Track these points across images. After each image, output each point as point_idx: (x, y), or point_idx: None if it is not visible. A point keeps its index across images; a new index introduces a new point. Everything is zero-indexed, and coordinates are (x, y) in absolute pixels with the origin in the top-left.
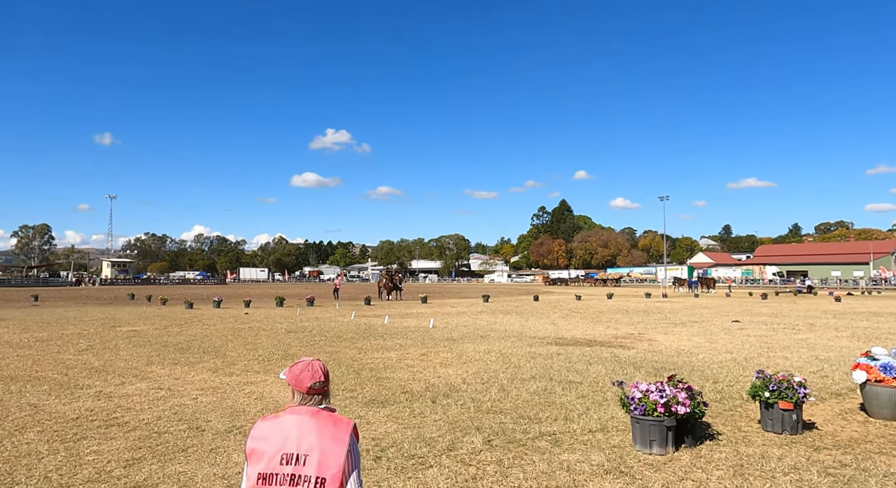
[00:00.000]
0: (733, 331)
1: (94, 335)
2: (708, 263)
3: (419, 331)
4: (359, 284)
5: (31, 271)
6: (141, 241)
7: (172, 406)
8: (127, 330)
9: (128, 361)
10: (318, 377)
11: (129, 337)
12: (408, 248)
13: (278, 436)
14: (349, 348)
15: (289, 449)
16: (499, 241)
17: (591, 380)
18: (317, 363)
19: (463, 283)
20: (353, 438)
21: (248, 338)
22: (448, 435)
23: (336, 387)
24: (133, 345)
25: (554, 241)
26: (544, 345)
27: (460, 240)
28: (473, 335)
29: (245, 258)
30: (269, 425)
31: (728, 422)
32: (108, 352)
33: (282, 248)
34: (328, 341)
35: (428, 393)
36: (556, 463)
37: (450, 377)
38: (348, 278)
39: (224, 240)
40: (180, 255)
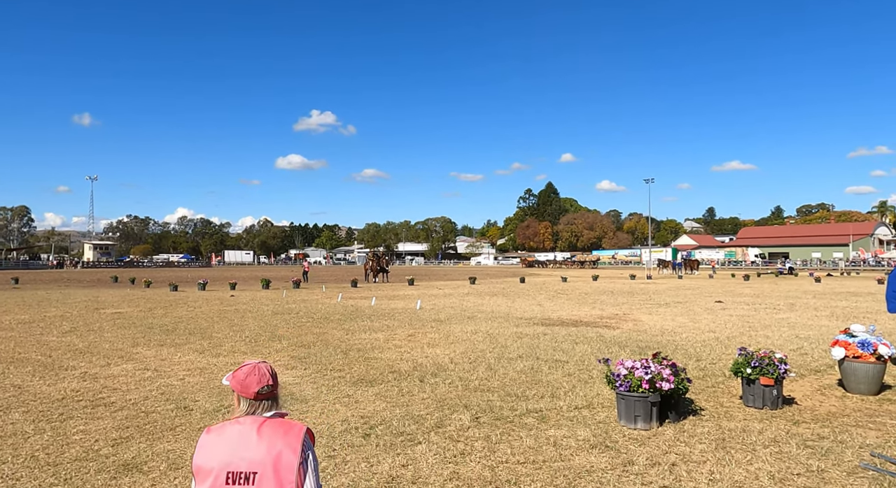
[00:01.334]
0: (716, 311)
1: (78, 317)
2: (692, 245)
3: (406, 312)
4: (345, 267)
5: (11, 254)
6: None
7: (159, 386)
8: (111, 312)
9: (113, 343)
10: (266, 381)
11: (113, 319)
12: (394, 231)
13: (223, 451)
14: (336, 329)
15: (235, 466)
16: (485, 224)
17: (576, 359)
18: (263, 366)
19: (449, 266)
20: (306, 445)
21: (234, 320)
22: (436, 412)
23: (324, 368)
24: (118, 327)
25: (540, 224)
26: (531, 326)
27: (447, 223)
28: (460, 316)
29: (230, 241)
30: (213, 438)
31: (710, 398)
32: (93, 334)
33: (267, 231)
34: (315, 322)
35: (416, 372)
36: (542, 439)
37: (437, 357)
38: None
39: (208, 223)
40: (164, 238)
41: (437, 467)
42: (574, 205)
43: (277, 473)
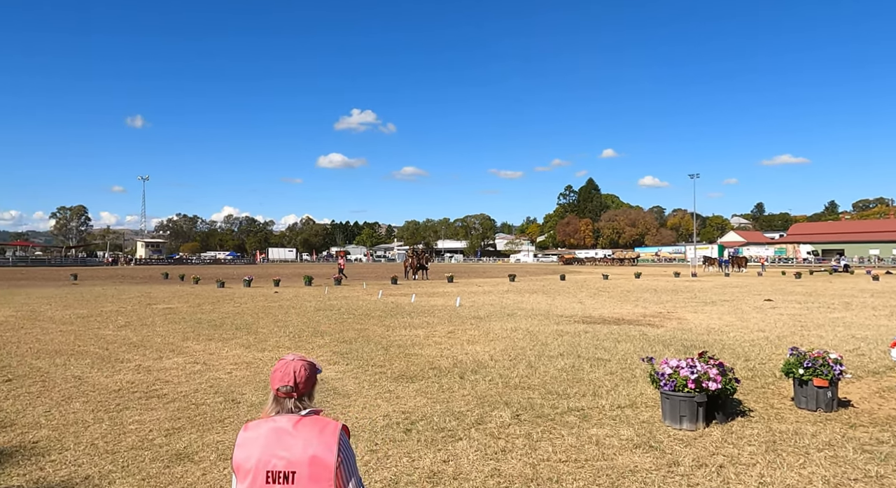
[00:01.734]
0: (765, 310)
1: (132, 312)
2: (739, 242)
3: (446, 309)
4: (385, 264)
5: (70, 251)
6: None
7: (208, 379)
8: (162, 307)
9: (164, 337)
10: (287, 381)
11: (164, 314)
12: (433, 228)
13: (260, 450)
14: (377, 326)
15: (273, 465)
16: (525, 221)
17: (619, 358)
18: (295, 364)
19: (489, 263)
20: (342, 443)
21: (278, 316)
22: (476, 409)
23: (365, 363)
24: (169, 322)
25: (580, 221)
26: (571, 324)
27: (486, 220)
28: (500, 313)
29: (273, 238)
30: (250, 435)
31: (760, 399)
32: (146, 328)
33: (309, 229)
34: (356, 319)
35: (456, 369)
36: (584, 438)
37: (477, 354)
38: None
39: (253, 221)
40: (211, 236)
41: (478, 463)
42: (615, 201)
43: (315, 473)
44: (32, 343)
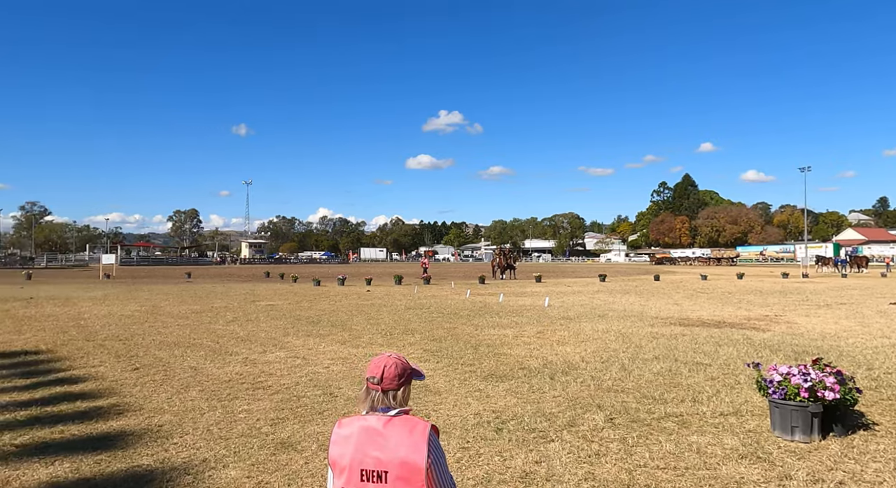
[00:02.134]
0: (891, 315)
1: (238, 308)
2: (859, 240)
3: (534, 309)
4: (472, 264)
5: (184, 251)
6: (273, 224)
7: (308, 373)
8: (265, 304)
9: (267, 332)
10: (375, 373)
11: (267, 310)
12: (520, 228)
13: (352, 447)
14: (466, 325)
15: (366, 464)
16: (615, 220)
17: (720, 363)
18: (388, 360)
19: (577, 263)
20: (432, 444)
21: (370, 314)
22: (568, 411)
23: (455, 362)
24: (271, 318)
25: (676, 218)
26: (667, 326)
27: (574, 219)
28: (590, 314)
29: (365, 239)
30: (343, 432)
31: (886, 412)
32: (251, 324)
33: (398, 229)
34: (445, 318)
35: (546, 369)
36: (684, 445)
37: (567, 355)
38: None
39: (346, 222)
40: (307, 236)
41: (571, 466)
42: (715, 197)
43: (406, 474)
44: (155, 335)
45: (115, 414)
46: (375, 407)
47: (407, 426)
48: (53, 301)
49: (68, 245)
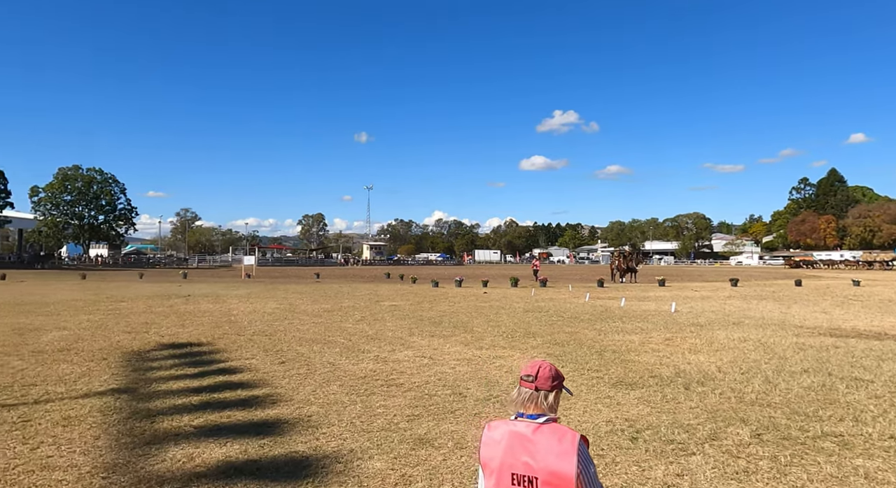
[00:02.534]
0: None
1: (365, 308)
2: None
3: (660, 314)
4: (588, 266)
5: (311, 253)
6: (391, 226)
7: (436, 373)
8: (388, 304)
9: (394, 331)
10: (531, 371)
11: (391, 310)
12: (640, 229)
13: (502, 451)
14: (588, 329)
15: (517, 468)
16: (747, 219)
17: (885, 379)
18: (543, 362)
19: (704, 266)
20: (581, 454)
21: (490, 316)
22: (708, 423)
23: (580, 367)
24: (395, 318)
25: (820, 218)
26: (815, 336)
27: (700, 219)
28: (723, 321)
29: (479, 240)
30: (493, 435)
31: None
32: (378, 323)
33: (512, 231)
34: (566, 321)
35: (679, 378)
36: (848, 468)
37: (701, 364)
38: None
39: (460, 224)
40: (423, 238)
41: (717, 482)
42: (868, 194)
43: (554, 482)
44: (294, 332)
45: (270, 403)
46: (526, 406)
47: (556, 434)
48: (206, 298)
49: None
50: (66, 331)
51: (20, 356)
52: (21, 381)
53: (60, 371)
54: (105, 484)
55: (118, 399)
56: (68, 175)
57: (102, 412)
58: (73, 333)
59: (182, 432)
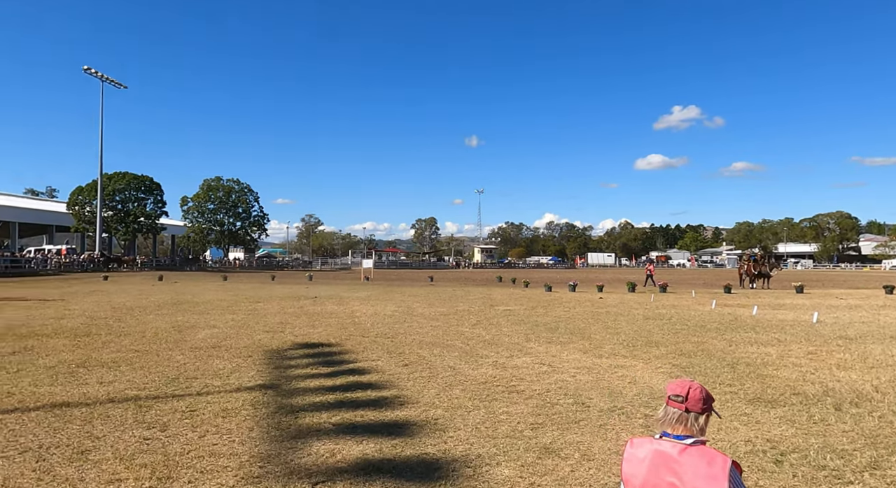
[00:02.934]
0: None
1: (479, 312)
2: None
3: (799, 325)
4: (712, 270)
5: (424, 256)
6: (502, 229)
7: (556, 381)
8: (503, 309)
9: (510, 337)
10: (680, 391)
11: (505, 315)
12: (772, 230)
13: (646, 470)
14: (717, 339)
15: None
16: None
17: None
18: (693, 383)
19: (849, 270)
20: (734, 480)
21: (607, 322)
22: (867, 450)
23: (711, 381)
24: (511, 323)
25: None
26: None
27: (844, 219)
28: (878, 334)
29: (592, 243)
30: (636, 453)
31: None
32: (493, 328)
33: (627, 233)
34: (691, 330)
35: (828, 398)
36: None
37: (854, 382)
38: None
39: (572, 227)
40: (534, 241)
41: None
42: None
43: None
44: (414, 335)
45: (398, 404)
46: (674, 427)
47: (705, 457)
48: (331, 300)
49: (335, 250)
50: (215, 329)
51: (181, 351)
52: (184, 375)
53: (214, 366)
54: (262, 472)
55: (265, 394)
56: (211, 185)
57: (253, 406)
58: (222, 331)
59: (322, 428)
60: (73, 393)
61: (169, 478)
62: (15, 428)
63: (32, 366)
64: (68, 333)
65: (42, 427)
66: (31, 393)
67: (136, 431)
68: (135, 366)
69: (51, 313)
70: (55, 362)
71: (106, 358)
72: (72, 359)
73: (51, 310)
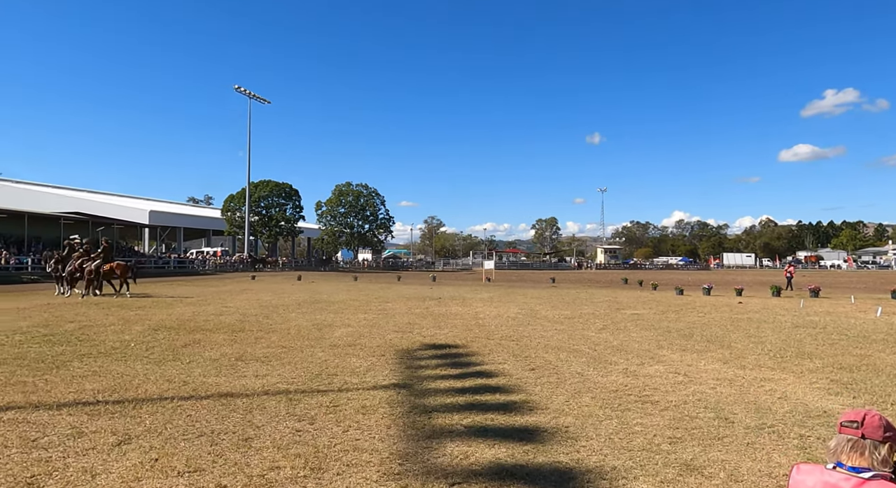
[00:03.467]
0: None
1: (605, 316)
2: None
3: None
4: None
5: (545, 257)
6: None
7: (693, 392)
8: (630, 313)
9: (640, 343)
10: (855, 417)
11: (633, 319)
12: None
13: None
14: (885, 352)
15: None
16: None
17: None
18: (869, 410)
19: None
20: None
21: (749, 330)
22: None
23: (879, 399)
24: (639, 328)
25: None
26: None
27: None
28: None
29: (727, 243)
30: (808, 482)
31: None
32: (621, 333)
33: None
34: (851, 341)
35: None
36: None
37: None
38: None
39: (705, 225)
40: (662, 241)
41: None
42: None
43: None
44: (538, 338)
45: (527, 409)
46: (849, 456)
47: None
48: (454, 300)
49: (456, 251)
50: (350, 328)
51: (322, 349)
52: (326, 371)
53: (352, 364)
54: (402, 470)
55: (399, 393)
56: (342, 190)
57: (389, 404)
58: (356, 330)
59: (454, 430)
60: (234, 384)
61: (320, 469)
62: (192, 414)
63: (200, 358)
64: (227, 329)
65: (213, 414)
66: (202, 382)
67: (289, 423)
68: (283, 362)
69: (211, 310)
70: (218, 355)
71: (259, 352)
72: (231, 353)
73: (211, 307)
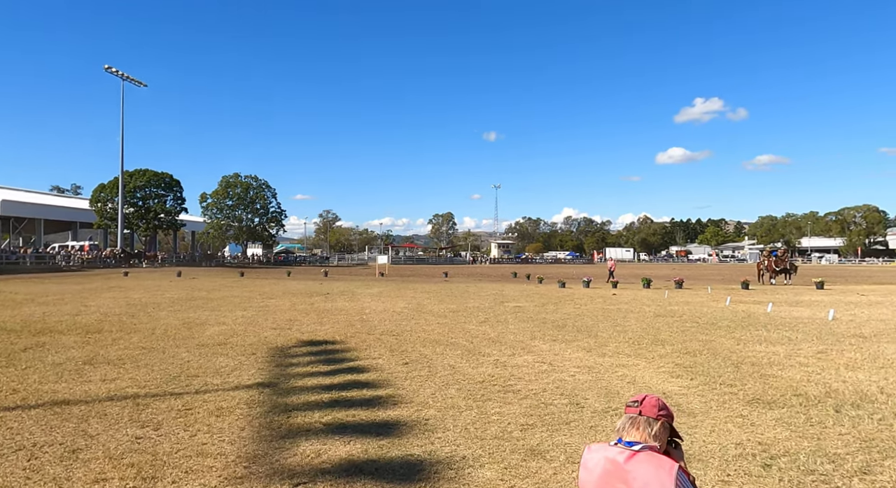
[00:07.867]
0: None
1: (489, 309)
2: None
3: (814, 322)
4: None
5: (441, 251)
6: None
7: (554, 380)
8: (513, 305)
9: (515, 334)
10: (638, 397)
11: (514, 312)
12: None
13: (597, 477)
14: (725, 338)
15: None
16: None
17: None
18: (651, 395)
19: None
20: (682, 484)
21: (616, 320)
22: (860, 454)
23: (712, 380)
24: (518, 320)
25: None
26: None
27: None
28: (895, 332)
29: (610, 238)
30: (593, 460)
31: None
32: (501, 325)
33: (647, 228)
34: (701, 328)
35: (829, 399)
36: None
37: (860, 383)
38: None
39: (590, 222)
40: (552, 236)
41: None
42: None
43: None
44: (420, 332)
45: (391, 404)
46: (627, 431)
47: (652, 462)
48: (343, 295)
49: (353, 246)
50: (224, 326)
51: (187, 348)
52: (186, 372)
53: (218, 364)
54: (246, 473)
55: (262, 393)
56: (230, 182)
57: (248, 404)
58: (230, 328)
59: (312, 428)
60: (75, 390)
61: (153, 478)
62: (13, 426)
63: (41, 362)
64: (80, 330)
65: (39, 425)
66: (35, 390)
67: (130, 430)
68: (139, 364)
69: (67, 309)
70: (63, 359)
71: (113, 355)
72: (80, 356)
73: (68, 306)
